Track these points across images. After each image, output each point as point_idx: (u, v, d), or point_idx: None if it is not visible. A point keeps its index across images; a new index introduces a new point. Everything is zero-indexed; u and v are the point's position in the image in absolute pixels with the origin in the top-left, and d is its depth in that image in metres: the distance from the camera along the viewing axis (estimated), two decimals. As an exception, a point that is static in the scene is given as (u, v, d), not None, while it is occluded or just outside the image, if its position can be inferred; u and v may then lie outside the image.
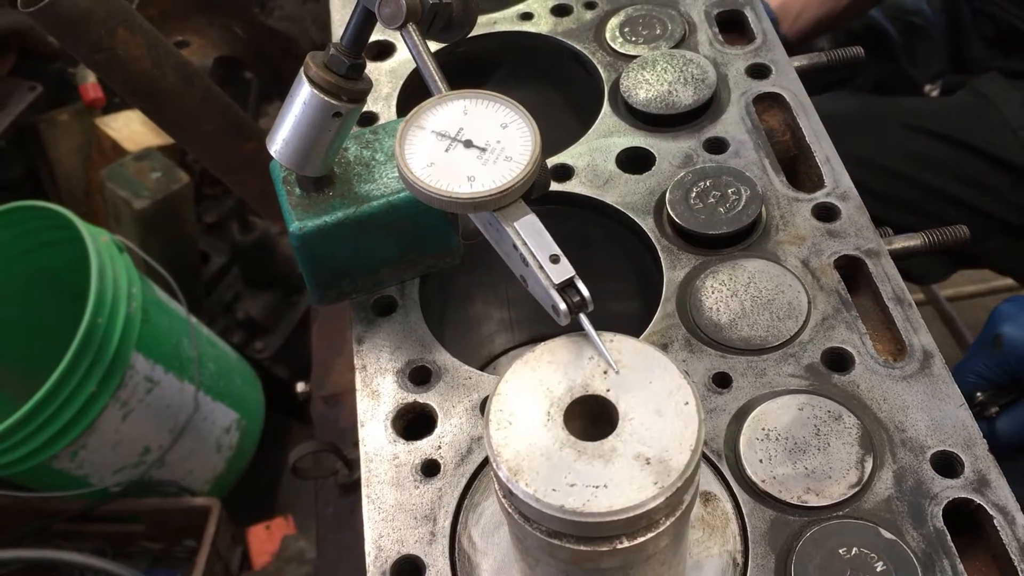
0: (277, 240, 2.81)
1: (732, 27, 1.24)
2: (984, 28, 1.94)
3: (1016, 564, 0.73)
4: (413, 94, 1.18)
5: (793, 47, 1.83)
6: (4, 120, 2.51)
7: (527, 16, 1.26)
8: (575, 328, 0.66)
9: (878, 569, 0.72)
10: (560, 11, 1.26)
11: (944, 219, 1.02)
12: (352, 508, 1.37)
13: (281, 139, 0.84)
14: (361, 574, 0.80)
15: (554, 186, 1.05)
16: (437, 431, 0.87)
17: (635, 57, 1.16)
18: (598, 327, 0.64)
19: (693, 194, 1.00)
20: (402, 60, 1.23)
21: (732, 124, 1.08)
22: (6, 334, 2.48)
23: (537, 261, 0.67)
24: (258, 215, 2.78)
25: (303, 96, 0.82)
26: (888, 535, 0.74)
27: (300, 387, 1.57)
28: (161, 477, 2.39)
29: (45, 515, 2.32)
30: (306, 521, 2.59)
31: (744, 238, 0.97)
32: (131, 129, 2.80)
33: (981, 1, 1.92)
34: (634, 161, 1.07)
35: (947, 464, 0.79)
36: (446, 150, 0.71)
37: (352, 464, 1.31)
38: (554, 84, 1.29)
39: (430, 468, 0.84)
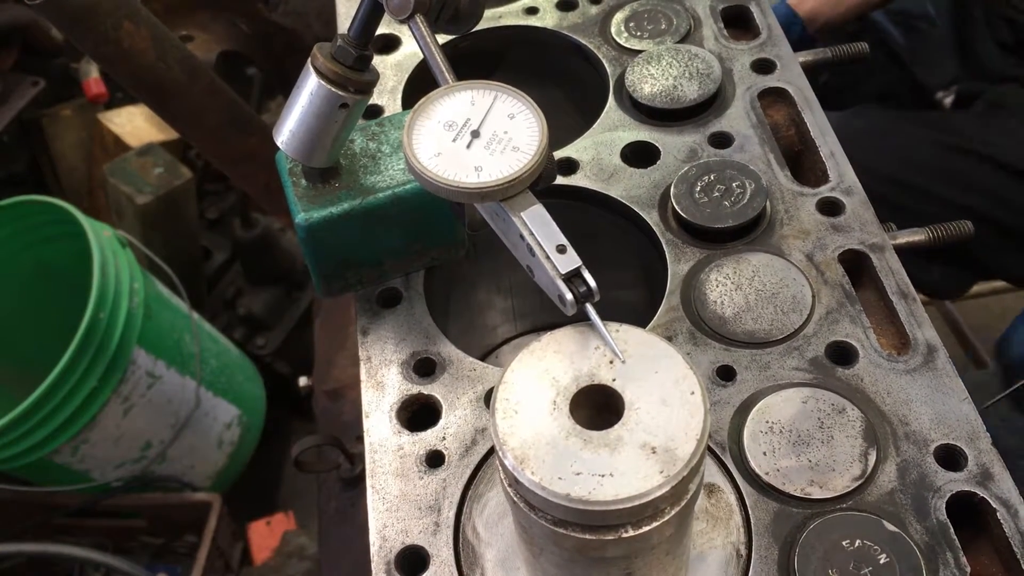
0: (279, 236, 2.82)
1: (737, 22, 1.24)
2: (1001, 33, 1.92)
3: (1019, 557, 0.73)
4: (418, 87, 1.18)
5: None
6: (7, 115, 2.51)
7: (532, 11, 1.26)
8: (579, 318, 0.66)
9: (881, 561, 0.72)
10: (565, 6, 1.26)
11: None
12: (354, 502, 1.37)
13: (288, 130, 0.84)
14: (364, 567, 0.80)
15: (559, 180, 1.05)
16: (441, 422, 0.87)
17: (640, 52, 1.16)
18: (603, 317, 0.65)
19: (698, 188, 1.00)
20: (407, 53, 1.23)
21: (737, 119, 1.09)
22: (8, 329, 2.48)
23: (544, 251, 0.67)
24: (260, 211, 2.78)
25: (310, 87, 0.82)
26: (891, 528, 0.74)
27: (303, 381, 1.57)
28: (162, 472, 2.40)
29: (46, 510, 2.33)
30: (307, 517, 2.59)
31: (749, 232, 0.97)
32: (134, 124, 2.80)
33: (997, 4, 1.91)
34: (639, 155, 1.07)
35: (950, 457, 0.79)
36: (453, 140, 0.71)
37: (354, 458, 1.31)
38: (559, 79, 1.29)
39: (434, 459, 0.84)
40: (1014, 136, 1.74)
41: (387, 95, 1.19)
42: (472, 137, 0.71)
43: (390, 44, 1.25)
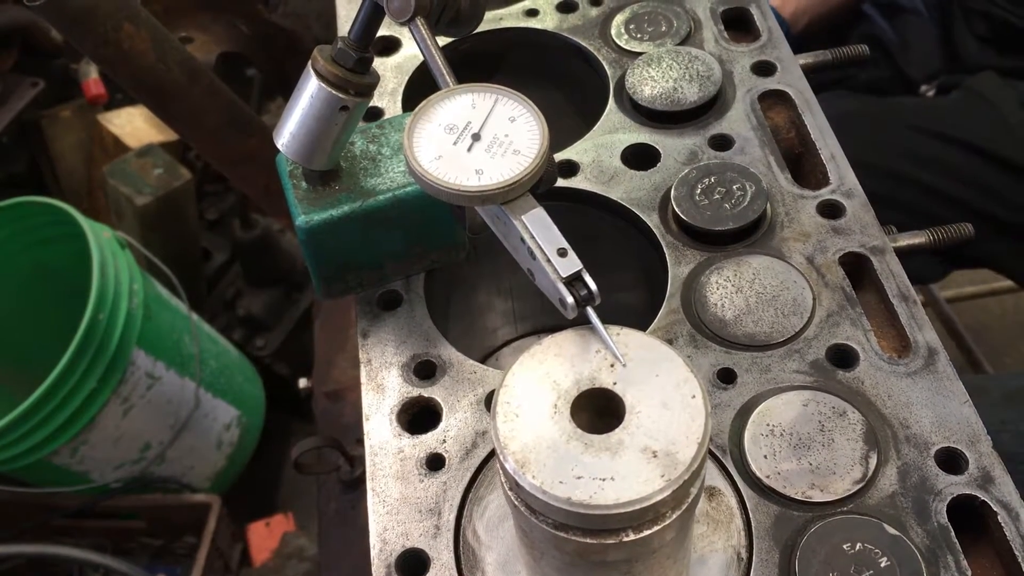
0: (278, 237, 2.82)
1: (737, 24, 1.24)
2: (977, 26, 1.93)
3: (1020, 560, 0.73)
4: (419, 89, 1.18)
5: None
6: (6, 116, 2.51)
7: (533, 13, 1.26)
8: (580, 321, 0.66)
9: (882, 564, 0.72)
10: (565, 8, 1.26)
11: (942, 220, 1.02)
12: (354, 504, 1.37)
13: (288, 132, 0.84)
14: (363, 569, 0.80)
15: (559, 182, 1.05)
16: (442, 425, 0.87)
17: (640, 54, 1.17)
18: (604, 319, 0.65)
19: (698, 190, 1.00)
20: (407, 56, 1.23)
21: (737, 121, 1.09)
22: (7, 330, 2.48)
23: (544, 254, 0.67)
24: (260, 212, 2.78)
25: (310, 89, 0.82)
26: (892, 531, 0.74)
27: (302, 383, 1.57)
28: (161, 473, 2.40)
29: (45, 511, 2.33)
30: (306, 518, 2.59)
31: (749, 234, 0.97)
32: (133, 125, 2.80)
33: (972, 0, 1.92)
34: (639, 157, 1.07)
35: (951, 460, 0.79)
36: (454, 143, 0.71)
37: (354, 460, 1.31)
38: (559, 81, 1.29)
39: (435, 462, 0.84)
40: (992, 124, 1.75)
41: (387, 97, 1.19)
42: (473, 140, 0.71)
43: (390, 46, 1.25)
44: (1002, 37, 1.90)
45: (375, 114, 1.16)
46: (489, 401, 0.87)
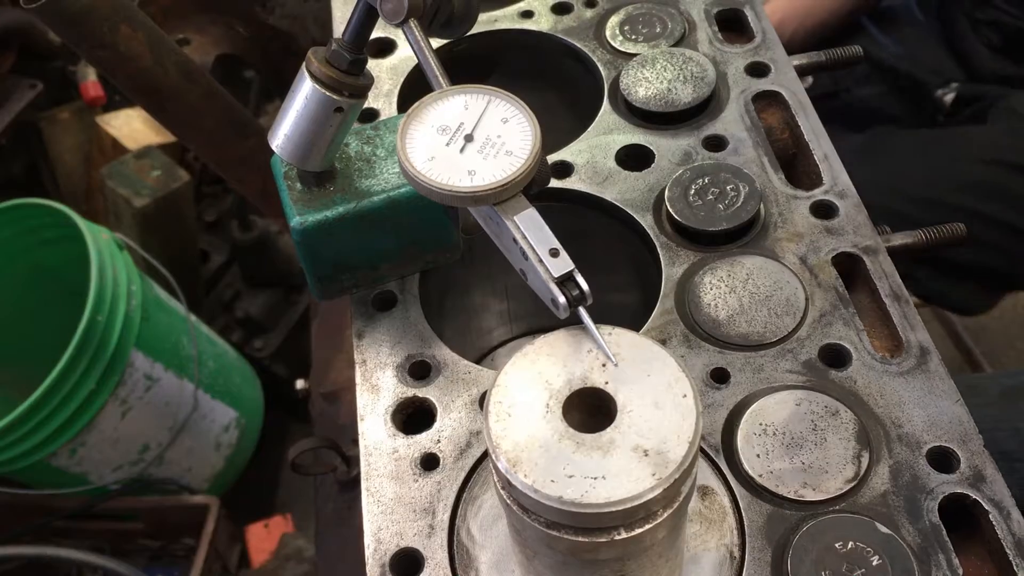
0: (276, 239, 2.82)
1: (732, 26, 1.24)
2: (988, 37, 1.92)
3: (1011, 559, 0.73)
4: (414, 91, 1.18)
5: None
6: (5, 118, 2.51)
7: (527, 14, 1.27)
8: (574, 321, 0.66)
9: (874, 563, 0.73)
10: (560, 9, 1.27)
11: (999, 247, 1.01)
12: (351, 504, 1.37)
13: (283, 134, 0.85)
14: (361, 569, 0.80)
15: (554, 183, 1.05)
16: (436, 425, 0.87)
17: (635, 55, 1.17)
18: (596, 320, 0.65)
19: (692, 191, 1.00)
20: (403, 57, 1.24)
21: (731, 122, 1.09)
22: (6, 331, 2.48)
23: (537, 255, 0.68)
24: (258, 213, 2.79)
25: (305, 91, 0.82)
26: (884, 529, 0.74)
27: (300, 384, 1.57)
28: (160, 475, 2.40)
29: (44, 512, 2.32)
30: (304, 519, 2.59)
31: (742, 235, 0.98)
32: (131, 127, 2.80)
33: (979, 10, 1.91)
34: (633, 158, 1.07)
35: (943, 459, 0.79)
36: (447, 144, 0.71)
37: (351, 461, 1.31)
38: (554, 82, 1.30)
39: (429, 462, 0.85)
40: None
41: (383, 98, 1.19)
42: (466, 141, 0.71)
43: (385, 48, 1.26)
44: (1017, 47, 1.87)
45: (371, 115, 1.16)
46: (483, 401, 0.87)
